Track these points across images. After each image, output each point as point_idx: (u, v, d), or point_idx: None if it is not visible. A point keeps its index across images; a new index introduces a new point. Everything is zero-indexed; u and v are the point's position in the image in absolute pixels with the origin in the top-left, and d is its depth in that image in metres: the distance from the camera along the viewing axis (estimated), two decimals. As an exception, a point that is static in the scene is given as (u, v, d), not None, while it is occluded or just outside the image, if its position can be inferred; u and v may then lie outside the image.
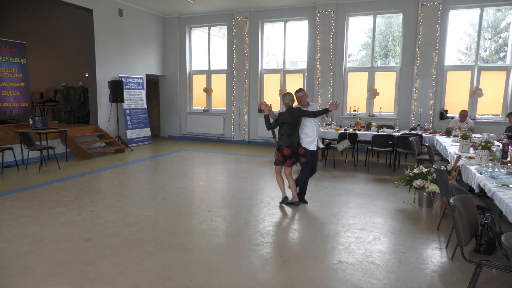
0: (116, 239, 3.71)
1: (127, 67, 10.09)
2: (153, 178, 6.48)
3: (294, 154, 4.74)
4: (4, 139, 7.02)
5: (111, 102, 9.32)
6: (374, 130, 7.74)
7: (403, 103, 9.15)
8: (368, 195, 5.42)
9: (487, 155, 4.08)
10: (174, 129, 11.85)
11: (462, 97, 8.76)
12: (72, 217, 4.35)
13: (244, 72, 10.57)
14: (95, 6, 8.93)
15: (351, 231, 3.98)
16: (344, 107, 9.82)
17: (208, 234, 3.89)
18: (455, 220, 2.50)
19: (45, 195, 5.25)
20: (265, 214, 4.53)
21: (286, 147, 4.70)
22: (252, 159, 8.43)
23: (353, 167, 7.55)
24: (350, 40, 9.74)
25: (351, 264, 3.20)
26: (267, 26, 10.62)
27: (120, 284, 2.84)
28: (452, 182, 3.30)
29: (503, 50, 8.83)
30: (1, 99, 7.52)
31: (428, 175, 4.78)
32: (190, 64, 11.67)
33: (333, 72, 9.59)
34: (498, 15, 8.83)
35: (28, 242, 3.61)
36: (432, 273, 3.07)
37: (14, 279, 2.91)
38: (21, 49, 7.87)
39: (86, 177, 6.43)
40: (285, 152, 4.70)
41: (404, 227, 4.15)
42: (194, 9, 10.56)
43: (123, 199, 5.16)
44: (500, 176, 3.49)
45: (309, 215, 4.56)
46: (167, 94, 11.74)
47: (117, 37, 9.67)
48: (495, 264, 2.43)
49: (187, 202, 5.05)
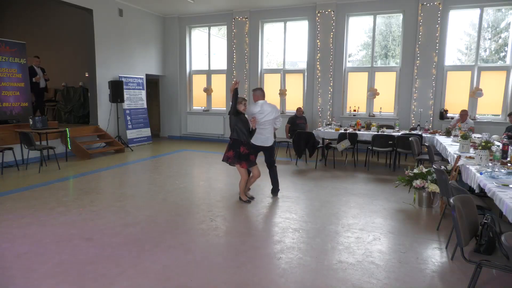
0: (116, 239, 3.71)
1: (127, 67, 10.09)
2: (153, 178, 6.48)
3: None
4: (4, 139, 7.02)
5: (111, 102, 9.32)
6: (374, 130, 7.74)
7: (403, 103, 9.15)
8: (368, 195, 5.41)
9: (487, 155, 4.08)
10: (174, 129, 11.85)
11: (462, 97, 8.76)
12: (72, 217, 4.35)
13: (244, 72, 10.57)
14: (95, 6, 8.93)
15: (351, 231, 3.98)
16: (344, 107, 9.82)
17: (208, 234, 3.89)
18: (455, 220, 2.50)
19: (45, 195, 5.25)
20: (265, 214, 4.53)
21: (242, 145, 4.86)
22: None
23: (353, 167, 7.55)
24: (350, 40, 9.74)
25: (351, 264, 3.20)
26: (267, 26, 10.62)
27: (120, 284, 2.84)
28: (452, 182, 3.30)
29: (503, 50, 8.83)
30: (1, 99, 7.52)
31: (428, 175, 4.78)
32: (190, 64, 11.67)
33: (333, 72, 9.59)
34: (498, 15, 8.83)
35: (28, 242, 3.61)
36: (432, 273, 3.07)
37: (14, 279, 2.90)
38: (21, 49, 7.87)
39: (86, 177, 6.43)
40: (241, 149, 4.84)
41: (404, 227, 4.15)
42: (194, 9, 10.56)
43: (123, 199, 5.16)
44: (500, 176, 3.49)
45: (309, 215, 4.56)
46: (167, 94, 11.74)
47: (117, 37, 9.67)
48: (495, 264, 2.43)
49: (187, 202, 5.05)
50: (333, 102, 9.72)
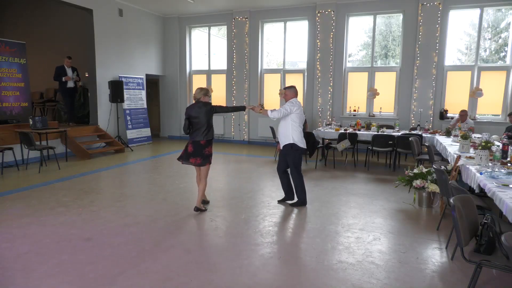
0: (116, 239, 3.71)
1: (127, 67, 10.09)
2: (153, 178, 6.48)
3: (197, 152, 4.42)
4: (4, 139, 7.02)
5: (111, 102, 9.33)
6: (374, 130, 7.74)
7: (403, 103, 9.15)
8: (368, 195, 5.41)
9: (487, 155, 4.08)
10: (174, 129, 11.84)
11: (462, 97, 8.76)
12: (72, 217, 4.35)
13: (244, 72, 10.57)
14: (95, 6, 8.93)
15: (351, 231, 3.98)
16: (344, 107, 9.82)
17: (208, 234, 3.89)
18: (455, 220, 2.50)
19: (45, 195, 5.24)
20: (265, 214, 4.53)
21: (190, 143, 4.46)
22: (252, 159, 8.43)
23: (353, 167, 7.55)
24: (350, 40, 9.74)
25: (351, 264, 3.20)
26: (267, 26, 10.62)
27: (120, 284, 2.84)
28: (452, 182, 3.30)
29: (503, 50, 8.83)
30: (1, 99, 7.52)
31: (428, 175, 4.78)
32: (190, 64, 11.67)
33: (333, 72, 9.59)
34: (498, 15, 8.83)
35: (28, 242, 3.61)
36: (432, 273, 3.07)
37: (14, 279, 2.90)
38: (21, 49, 7.87)
39: (86, 177, 6.42)
40: (189, 148, 4.46)
41: (404, 227, 4.15)
42: (194, 9, 10.56)
43: (123, 199, 5.15)
44: (500, 176, 3.49)
45: (309, 215, 4.55)
46: (167, 94, 11.74)
47: (117, 37, 9.67)
48: (495, 264, 2.43)
49: (187, 202, 5.05)
50: (333, 102, 9.72)
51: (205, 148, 4.45)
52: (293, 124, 4.69)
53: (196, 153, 4.42)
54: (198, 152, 4.42)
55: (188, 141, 4.52)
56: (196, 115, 4.40)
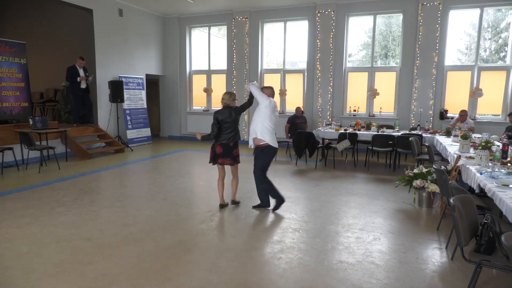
0: (116, 239, 3.71)
1: (127, 67, 10.09)
2: (153, 178, 6.48)
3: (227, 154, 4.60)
4: (4, 139, 7.02)
5: (111, 102, 9.33)
6: (374, 130, 7.74)
7: (403, 103, 9.15)
8: (368, 195, 5.41)
9: (487, 155, 4.08)
10: (174, 129, 11.85)
11: (462, 97, 8.76)
12: (72, 217, 4.35)
13: (244, 72, 10.57)
14: (95, 6, 8.93)
15: (351, 231, 3.98)
16: (344, 107, 9.82)
17: (208, 234, 3.89)
18: (455, 220, 2.50)
19: (45, 195, 5.24)
20: (265, 214, 4.53)
21: (218, 144, 4.60)
22: (252, 159, 8.40)
23: (353, 167, 7.55)
24: (350, 40, 9.74)
25: (351, 264, 3.20)
26: (267, 26, 10.62)
27: (120, 284, 2.84)
28: (452, 182, 3.30)
29: (503, 50, 8.83)
30: (1, 99, 7.52)
31: (428, 175, 4.78)
32: (190, 64, 11.67)
33: (333, 72, 9.59)
34: (498, 15, 8.83)
35: (28, 242, 3.61)
36: (432, 273, 3.07)
37: (14, 279, 2.90)
38: (21, 49, 7.87)
39: (86, 177, 6.42)
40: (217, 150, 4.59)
41: (404, 227, 4.15)
42: (194, 9, 10.56)
43: (123, 199, 5.15)
44: (500, 176, 3.49)
45: (309, 215, 4.56)
46: (167, 94, 11.74)
47: (117, 37, 9.67)
48: (495, 264, 2.43)
49: (187, 202, 5.05)
50: (333, 102, 9.72)
51: (233, 149, 4.69)
52: (264, 121, 4.51)
53: (225, 154, 4.63)
54: (227, 153, 4.64)
55: (214, 143, 4.65)
56: (228, 120, 4.58)
